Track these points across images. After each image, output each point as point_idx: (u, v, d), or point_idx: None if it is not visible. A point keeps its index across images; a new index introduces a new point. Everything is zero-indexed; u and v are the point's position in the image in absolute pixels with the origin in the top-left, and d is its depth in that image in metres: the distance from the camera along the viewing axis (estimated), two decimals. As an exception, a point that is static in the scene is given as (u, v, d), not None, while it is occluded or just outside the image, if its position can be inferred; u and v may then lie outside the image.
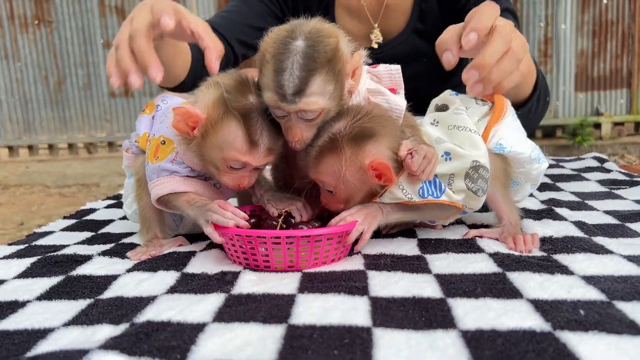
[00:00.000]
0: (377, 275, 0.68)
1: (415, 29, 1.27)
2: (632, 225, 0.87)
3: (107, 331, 0.56)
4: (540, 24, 4.00)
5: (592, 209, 0.99)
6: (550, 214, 0.92)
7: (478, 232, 0.85)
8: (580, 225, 0.86)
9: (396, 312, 0.57)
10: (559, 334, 0.50)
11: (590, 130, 3.89)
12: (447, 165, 0.77)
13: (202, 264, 0.76)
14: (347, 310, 0.58)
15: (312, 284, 0.67)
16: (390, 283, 0.66)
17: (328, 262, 0.75)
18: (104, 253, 0.84)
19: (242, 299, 0.63)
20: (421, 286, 0.64)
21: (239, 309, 0.60)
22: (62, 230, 1.04)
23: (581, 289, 0.61)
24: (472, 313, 0.56)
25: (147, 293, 0.66)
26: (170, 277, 0.71)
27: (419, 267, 0.71)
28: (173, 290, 0.66)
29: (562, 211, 0.95)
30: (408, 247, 0.80)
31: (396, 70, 0.82)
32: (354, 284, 0.66)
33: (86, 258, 0.81)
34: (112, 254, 0.83)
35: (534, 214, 0.94)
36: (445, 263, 0.72)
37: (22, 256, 0.84)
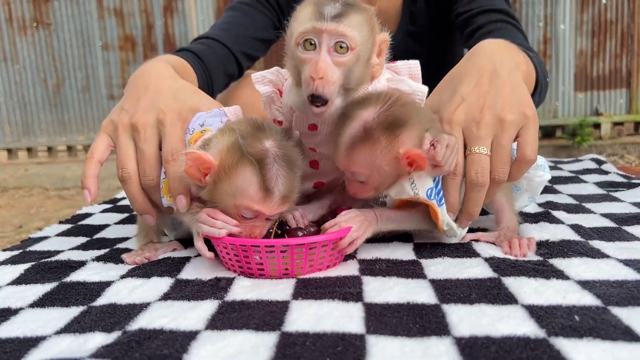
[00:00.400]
0: (371, 281, 0.68)
1: (407, 31, 1.28)
2: (629, 229, 0.86)
3: (99, 339, 0.55)
4: (539, 24, 3.99)
5: (589, 211, 0.99)
6: (547, 217, 0.92)
7: (475, 235, 0.84)
8: (577, 228, 0.85)
9: (390, 319, 0.56)
10: (553, 341, 0.50)
11: (589, 130, 3.88)
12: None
13: (196, 270, 0.76)
14: (340, 317, 0.57)
15: (306, 290, 0.66)
16: (385, 289, 0.65)
17: (323, 269, 0.74)
18: (98, 258, 0.83)
19: (235, 306, 0.62)
20: (416, 292, 0.64)
21: (232, 316, 0.59)
22: (57, 235, 1.03)
23: (576, 294, 0.60)
24: (467, 319, 0.55)
25: (141, 300, 0.66)
26: (164, 283, 0.71)
27: (414, 272, 0.71)
28: (166, 297, 0.66)
29: (559, 214, 0.94)
30: (404, 252, 0.80)
31: (415, 65, 0.82)
32: (348, 290, 0.65)
33: (80, 264, 0.81)
34: (107, 259, 0.83)
35: (531, 217, 0.93)
36: (440, 268, 0.72)
37: (16, 262, 0.83)
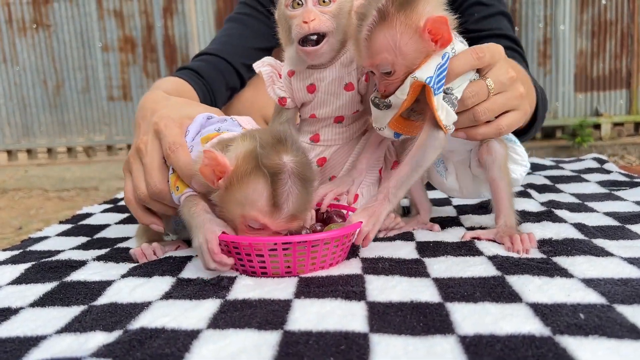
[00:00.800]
0: (374, 280, 0.68)
1: None
2: (632, 227, 0.86)
3: (100, 338, 0.55)
4: (539, 24, 3.99)
5: (592, 210, 0.98)
6: (550, 216, 0.92)
7: (475, 233, 0.84)
8: (580, 227, 0.85)
9: (394, 318, 0.56)
10: (558, 339, 0.49)
11: (589, 131, 3.88)
12: None
13: (198, 269, 0.75)
14: (343, 315, 0.57)
15: (308, 288, 0.66)
16: (388, 287, 0.65)
17: (326, 267, 0.74)
18: (98, 258, 0.83)
19: (237, 305, 0.62)
20: (419, 290, 0.63)
21: (234, 315, 0.59)
22: (58, 235, 1.03)
23: (581, 292, 0.60)
24: (471, 318, 0.55)
25: (142, 299, 0.65)
26: (166, 282, 0.71)
27: (418, 270, 0.71)
28: (168, 296, 0.65)
29: (562, 213, 0.94)
30: (406, 250, 0.79)
31: None
32: (351, 288, 0.65)
33: (81, 263, 0.80)
34: (107, 258, 0.83)
35: (534, 216, 0.93)
36: (443, 266, 0.71)
37: (16, 262, 0.83)
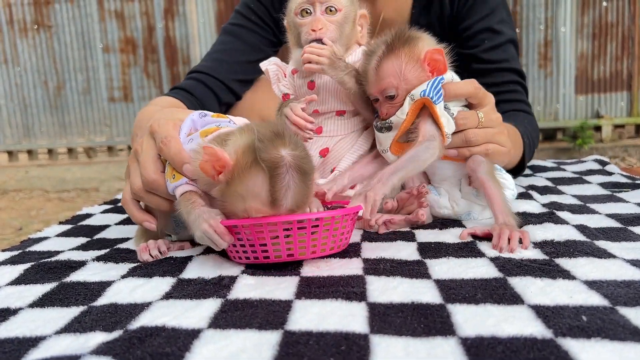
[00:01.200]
0: (375, 281, 0.67)
1: None
2: (634, 229, 0.85)
3: (100, 338, 0.55)
4: (540, 26, 4.00)
5: (594, 212, 0.98)
6: (552, 218, 0.91)
7: (472, 229, 0.84)
8: (582, 228, 0.84)
9: (394, 319, 0.56)
10: (560, 341, 0.49)
11: (590, 133, 3.88)
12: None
13: (198, 269, 0.75)
14: (344, 316, 0.57)
15: (309, 289, 0.65)
16: (389, 288, 0.64)
17: (327, 252, 0.75)
18: (98, 258, 0.83)
19: (238, 305, 0.61)
20: (420, 292, 0.63)
21: (235, 315, 0.58)
22: (57, 235, 1.02)
23: (583, 294, 0.60)
24: (472, 319, 0.54)
25: (142, 299, 0.65)
26: (166, 283, 0.70)
27: (419, 272, 0.70)
28: (168, 296, 0.65)
29: (564, 215, 0.94)
30: (408, 252, 0.79)
31: None
32: (352, 289, 0.64)
33: (80, 264, 0.80)
34: (107, 259, 0.82)
35: (536, 217, 0.93)
36: (445, 268, 0.71)
37: (15, 262, 0.82)
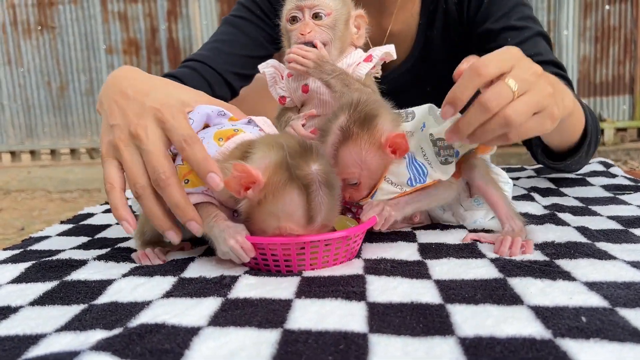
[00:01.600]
0: (376, 280, 0.67)
1: (420, 55, 1.24)
2: (636, 231, 0.85)
3: (100, 336, 0.55)
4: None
5: (596, 214, 0.98)
6: (553, 219, 0.91)
7: (476, 235, 0.84)
8: (583, 230, 0.84)
9: (393, 318, 0.56)
10: (559, 342, 0.49)
11: (593, 136, 3.87)
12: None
13: (200, 268, 0.75)
14: (343, 315, 0.57)
15: (309, 288, 0.66)
16: (389, 288, 0.64)
17: (345, 260, 0.76)
18: (99, 258, 0.83)
19: (238, 303, 0.62)
20: (420, 292, 0.63)
21: (235, 313, 0.59)
22: (59, 235, 1.03)
23: (583, 295, 0.60)
24: (471, 319, 0.54)
25: (142, 298, 0.65)
26: (167, 282, 0.70)
27: (419, 272, 0.70)
28: (169, 295, 0.65)
29: (565, 216, 0.94)
30: (409, 252, 0.79)
31: (390, 47, 0.95)
32: (352, 289, 0.64)
33: (81, 263, 0.80)
34: (108, 258, 0.83)
35: (537, 218, 0.93)
36: (445, 268, 0.71)
37: (16, 261, 0.83)
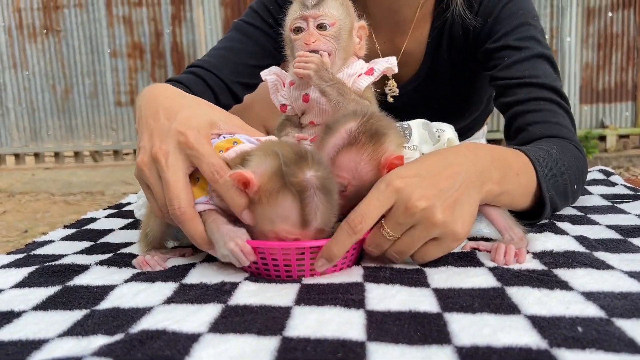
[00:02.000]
0: (374, 288, 0.68)
1: (428, 74, 1.24)
2: (634, 241, 0.86)
3: (102, 342, 0.55)
4: (545, 36, 4.01)
5: (594, 223, 0.98)
6: (552, 228, 0.91)
7: (475, 244, 0.84)
8: (581, 239, 0.85)
9: (391, 327, 0.56)
10: (555, 352, 0.49)
11: (595, 143, 3.88)
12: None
13: (201, 274, 0.76)
14: (342, 323, 0.57)
15: (309, 295, 0.66)
16: (387, 296, 0.65)
17: (345, 267, 0.77)
18: (102, 263, 0.84)
19: (238, 310, 0.62)
20: (418, 300, 0.64)
21: (234, 320, 0.59)
22: (62, 239, 1.04)
23: (580, 305, 0.60)
24: (469, 328, 0.55)
25: (144, 304, 0.66)
26: (168, 288, 0.71)
27: (418, 280, 0.71)
28: (170, 301, 0.66)
29: (564, 225, 0.94)
30: (407, 260, 0.79)
31: (392, 60, 0.94)
32: (350, 296, 0.65)
33: (84, 268, 0.81)
34: (110, 263, 0.83)
35: (535, 227, 0.93)
36: (444, 277, 0.72)
37: (20, 265, 0.84)
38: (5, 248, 2.72)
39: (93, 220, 1.21)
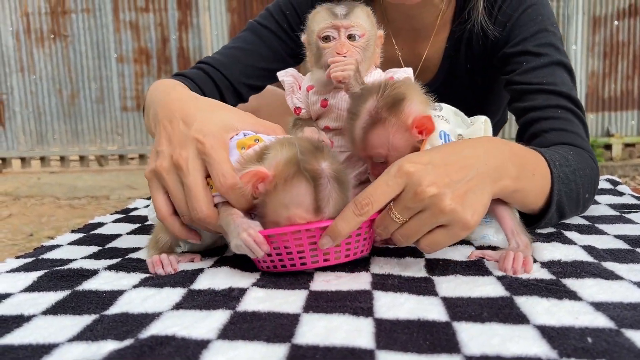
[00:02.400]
0: (383, 296, 0.68)
1: (445, 79, 1.25)
2: (642, 251, 0.85)
3: (111, 347, 0.56)
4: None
5: (602, 233, 0.98)
6: (560, 238, 0.91)
7: (481, 253, 0.84)
8: (589, 249, 0.85)
9: (400, 335, 0.56)
10: (565, 362, 0.49)
11: (600, 151, 3.87)
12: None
13: (209, 280, 0.76)
14: (351, 331, 0.57)
15: (317, 303, 0.66)
16: (395, 305, 0.65)
17: (358, 254, 0.78)
18: (110, 267, 0.84)
19: (247, 317, 0.62)
20: (427, 309, 0.64)
21: (243, 327, 0.59)
22: (70, 244, 1.04)
23: (589, 316, 0.60)
24: (478, 338, 0.55)
25: (153, 309, 0.66)
26: (177, 293, 0.71)
27: (426, 289, 0.71)
28: (178, 307, 0.66)
29: (572, 235, 0.94)
30: (416, 268, 0.79)
31: (409, 71, 0.96)
32: (359, 304, 0.65)
33: (92, 273, 0.82)
34: (119, 268, 0.84)
35: (543, 236, 0.93)
36: (452, 285, 0.72)
37: (29, 270, 0.84)
38: (10, 251, 2.73)
39: (101, 225, 1.22)
